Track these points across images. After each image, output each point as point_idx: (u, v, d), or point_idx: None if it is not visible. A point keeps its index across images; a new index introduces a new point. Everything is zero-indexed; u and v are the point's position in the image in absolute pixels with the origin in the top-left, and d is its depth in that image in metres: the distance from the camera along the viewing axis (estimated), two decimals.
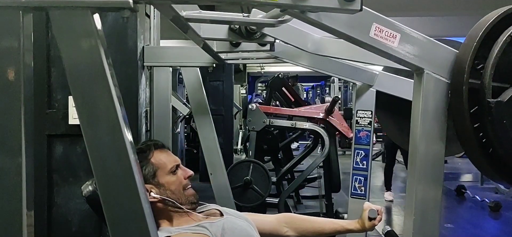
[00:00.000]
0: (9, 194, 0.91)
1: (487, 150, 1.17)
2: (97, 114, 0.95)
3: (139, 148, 1.59)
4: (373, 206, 1.69)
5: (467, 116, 1.16)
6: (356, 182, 2.42)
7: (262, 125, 4.10)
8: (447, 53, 1.24)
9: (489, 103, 1.12)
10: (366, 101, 2.35)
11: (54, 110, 2.18)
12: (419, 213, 1.25)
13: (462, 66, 1.17)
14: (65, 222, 2.22)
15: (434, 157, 1.24)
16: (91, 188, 1.59)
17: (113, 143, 0.95)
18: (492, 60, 1.13)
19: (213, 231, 1.50)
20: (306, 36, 1.81)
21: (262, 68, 12.30)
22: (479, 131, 1.17)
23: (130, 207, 0.97)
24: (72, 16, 0.91)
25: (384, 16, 1.19)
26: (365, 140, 2.41)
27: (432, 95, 1.22)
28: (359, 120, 2.40)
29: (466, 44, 1.19)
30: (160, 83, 2.32)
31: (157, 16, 2.57)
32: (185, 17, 1.30)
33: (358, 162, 2.42)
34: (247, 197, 3.57)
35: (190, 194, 1.59)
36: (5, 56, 0.90)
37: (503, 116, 1.12)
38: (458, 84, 1.17)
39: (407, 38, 1.21)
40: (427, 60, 1.22)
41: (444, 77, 1.23)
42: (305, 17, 1.09)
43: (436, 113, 1.23)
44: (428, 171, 1.24)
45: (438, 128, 1.23)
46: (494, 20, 1.16)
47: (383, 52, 1.20)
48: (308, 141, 7.44)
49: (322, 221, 1.84)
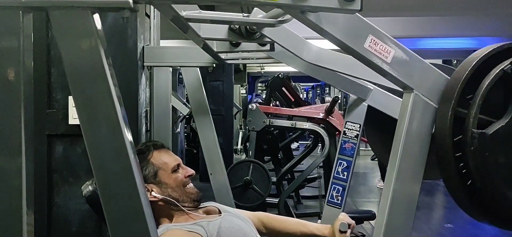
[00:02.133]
0: (9, 194, 0.91)
1: (466, 182, 1.16)
2: (97, 114, 0.95)
3: (138, 150, 1.60)
4: (348, 220, 1.69)
5: (450, 143, 1.15)
6: (334, 191, 2.45)
7: (262, 125, 4.10)
8: (439, 78, 1.23)
9: (473, 133, 1.11)
10: (356, 114, 2.38)
11: (54, 110, 2.18)
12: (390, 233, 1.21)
13: (451, 92, 1.16)
14: (65, 222, 2.22)
15: (411, 178, 1.22)
16: (91, 188, 1.59)
17: (113, 143, 0.95)
18: (482, 91, 1.13)
19: (209, 229, 1.51)
20: (304, 45, 1.80)
21: (262, 68, 12.29)
22: (460, 161, 1.15)
23: (130, 207, 0.97)
24: (72, 16, 0.91)
25: (381, 30, 1.18)
26: (349, 151, 2.45)
27: (418, 116, 1.21)
28: (346, 131, 2.43)
29: (458, 72, 1.18)
30: (160, 83, 2.32)
31: (157, 16, 2.57)
32: (185, 17, 1.30)
33: (339, 172, 2.46)
34: (247, 197, 3.57)
35: (192, 192, 1.59)
36: (5, 56, 0.90)
37: (486, 148, 1.11)
38: (445, 109, 1.16)
39: (401, 56, 1.19)
40: (417, 81, 1.21)
41: (433, 101, 1.21)
42: (304, 18, 1.09)
43: (420, 135, 1.21)
44: (403, 192, 1.21)
45: (420, 150, 1.21)
46: (489, 52, 1.16)
47: (375, 65, 1.19)
48: (308, 141, 7.44)
49: (293, 222, 1.86)
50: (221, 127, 6.33)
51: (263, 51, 1.94)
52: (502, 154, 1.13)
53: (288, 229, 1.81)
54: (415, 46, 8.65)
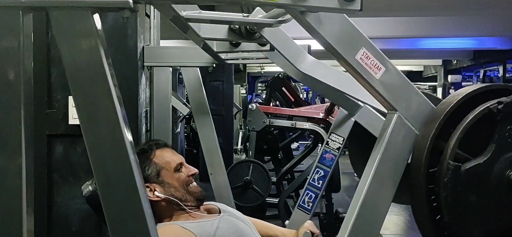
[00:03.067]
0: (9, 194, 0.91)
1: (435, 215, 1.14)
2: (97, 114, 0.95)
3: (141, 149, 1.60)
4: (313, 229, 1.71)
5: (425, 173, 1.13)
6: (307, 197, 2.48)
7: (262, 125, 4.10)
8: (424, 105, 1.21)
9: (449, 165, 1.09)
10: (342, 127, 2.42)
11: (54, 110, 2.18)
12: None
13: (434, 122, 1.15)
14: (65, 222, 2.22)
15: (381, 199, 1.19)
16: (91, 188, 1.59)
17: (113, 143, 0.95)
18: (464, 125, 1.11)
19: (206, 229, 1.50)
20: (300, 53, 1.79)
21: (262, 68, 12.29)
22: (432, 193, 1.13)
23: (130, 207, 0.97)
24: (72, 16, 0.91)
25: (375, 46, 1.17)
26: (328, 162, 2.49)
27: (397, 138, 1.19)
28: (330, 142, 2.47)
29: (444, 104, 1.18)
30: (160, 83, 2.33)
31: (157, 16, 2.57)
32: (185, 17, 1.30)
33: (315, 180, 2.49)
34: (247, 197, 3.57)
35: (195, 191, 1.59)
36: (5, 56, 0.90)
37: (459, 183, 1.09)
38: (425, 138, 1.15)
39: (390, 75, 1.18)
40: (402, 104, 1.19)
41: (415, 126, 1.19)
42: (303, 19, 1.09)
43: (396, 158, 1.19)
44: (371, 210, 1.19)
45: (394, 172, 1.19)
46: (477, 89, 1.15)
47: (362, 79, 1.17)
48: (308, 141, 7.44)
49: (259, 224, 1.86)
50: (221, 127, 6.32)
51: (263, 51, 1.94)
52: (474, 192, 1.10)
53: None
54: (415, 46, 8.66)
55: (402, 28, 6.70)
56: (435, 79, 13.10)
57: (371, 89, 1.19)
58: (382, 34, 6.81)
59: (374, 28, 6.41)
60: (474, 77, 11.99)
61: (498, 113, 1.10)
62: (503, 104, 1.10)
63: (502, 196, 1.12)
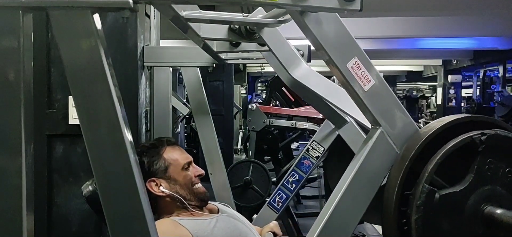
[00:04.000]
0: (9, 194, 0.91)
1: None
2: (97, 114, 0.95)
3: (151, 143, 1.61)
4: (277, 230, 1.72)
5: (399, 194, 1.11)
6: (278, 196, 2.53)
7: (262, 125, 4.10)
8: (409, 126, 1.19)
9: (424, 188, 1.07)
10: (325, 138, 2.45)
11: (54, 110, 2.18)
12: None
13: (415, 144, 1.13)
14: (65, 222, 2.22)
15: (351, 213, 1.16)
16: (91, 188, 1.59)
17: (113, 143, 0.95)
18: (444, 151, 1.10)
19: (203, 226, 1.51)
20: (295, 60, 1.78)
21: (262, 68, 12.28)
22: (404, 216, 1.11)
23: (130, 207, 0.97)
24: (72, 16, 0.91)
25: (367, 57, 1.16)
26: (305, 168, 2.54)
27: (377, 154, 1.17)
28: (310, 149, 2.52)
29: (428, 128, 1.16)
30: (160, 83, 2.32)
31: (157, 16, 2.57)
32: (185, 17, 1.30)
33: (289, 182, 2.55)
34: (247, 197, 3.56)
35: (200, 191, 1.60)
36: (5, 56, 0.90)
37: (432, 208, 1.07)
38: (404, 159, 1.13)
39: (379, 89, 1.17)
40: (387, 121, 1.17)
41: (396, 145, 1.18)
42: (301, 18, 1.09)
43: (373, 173, 1.17)
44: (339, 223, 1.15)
45: (368, 188, 1.16)
46: (463, 118, 1.15)
47: (350, 89, 1.16)
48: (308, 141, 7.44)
49: None
50: (221, 127, 6.31)
51: (263, 51, 1.94)
52: (446, 220, 1.08)
53: None
54: (415, 46, 8.65)
55: (402, 28, 6.70)
56: (435, 79, 13.10)
57: (358, 100, 1.18)
58: (382, 34, 6.81)
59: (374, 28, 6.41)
60: (474, 77, 11.98)
61: (480, 144, 1.09)
62: (486, 136, 1.09)
63: (474, 230, 1.09)
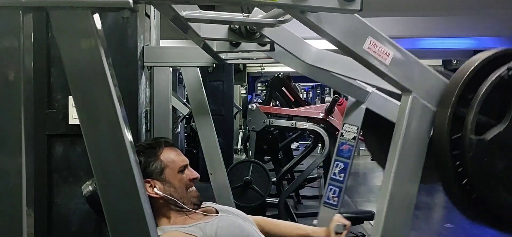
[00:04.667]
0: (9, 194, 0.91)
1: (464, 186, 1.15)
2: (97, 114, 0.95)
3: (149, 144, 1.60)
4: (343, 220, 1.70)
5: (448, 148, 1.14)
6: (331, 192, 2.44)
7: (262, 125, 4.09)
8: (438, 81, 1.22)
9: (471, 140, 1.10)
10: (354, 116, 2.37)
11: (54, 110, 2.18)
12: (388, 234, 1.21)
13: (449, 96, 1.15)
14: (65, 222, 2.22)
15: (409, 181, 1.20)
16: (91, 188, 1.59)
17: (113, 143, 0.95)
18: (479, 98, 1.12)
19: (207, 231, 1.50)
20: (304, 46, 1.79)
21: (262, 68, 12.29)
22: (459, 166, 1.14)
23: (130, 207, 0.97)
24: (72, 16, 0.91)
25: (381, 32, 1.17)
26: (346, 153, 2.45)
27: (416, 119, 1.20)
28: (344, 133, 2.43)
29: (457, 76, 1.18)
30: (160, 83, 2.32)
31: (157, 16, 2.57)
32: (185, 17, 1.30)
33: (336, 173, 2.46)
34: (247, 197, 3.57)
35: (194, 195, 1.59)
36: (5, 56, 0.90)
37: (484, 155, 1.10)
38: (443, 114, 1.16)
39: (399, 58, 1.19)
40: (416, 84, 1.20)
41: (431, 104, 1.20)
42: (304, 18, 1.09)
43: (418, 138, 1.20)
44: (401, 195, 1.20)
45: (417, 154, 1.20)
46: (487, 57, 1.15)
47: (373, 67, 1.18)
48: (308, 141, 7.44)
49: (288, 225, 1.86)
50: (221, 127, 6.32)
51: (263, 51, 1.94)
52: (500, 160, 1.12)
53: (285, 232, 1.81)
54: (415, 46, 8.64)
55: (402, 28, 6.69)
56: None
57: (383, 75, 1.20)
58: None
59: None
60: None
61: (510, 80, 1.11)
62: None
63: None
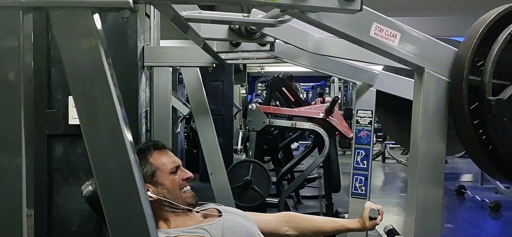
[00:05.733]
0: (9, 194, 0.91)
1: (487, 148, 1.17)
2: (97, 114, 0.95)
3: (139, 149, 1.59)
4: (374, 206, 1.69)
5: (467, 114, 1.16)
6: (357, 182, 2.41)
7: (262, 125, 4.09)
8: (447, 52, 1.24)
9: (489, 101, 1.12)
10: (366, 100, 2.34)
11: (54, 110, 2.18)
12: (421, 212, 1.25)
13: (462, 64, 1.17)
14: (65, 222, 2.22)
15: (435, 156, 1.24)
16: (91, 188, 1.59)
17: (113, 143, 0.95)
18: (492, 58, 1.13)
19: (213, 232, 1.50)
20: (306, 36, 1.81)
21: (262, 68, 12.30)
22: (479, 128, 1.17)
23: (130, 207, 0.97)
24: (72, 16, 0.91)
25: (384, 16, 1.19)
26: (365, 139, 2.40)
27: (432, 94, 1.22)
28: (359, 119, 2.39)
29: (466, 42, 1.19)
30: (160, 83, 2.32)
31: (157, 16, 2.57)
32: (185, 17, 1.30)
33: (359, 162, 2.41)
34: (247, 197, 3.56)
35: (188, 196, 1.58)
36: (5, 56, 0.90)
37: (503, 113, 1.12)
38: (458, 82, 1.17)
39: (407, 37, 1.21)
40: (427, 59, 1.22)
41: (445, 75, 1.23)
42: (305, 17, 1.09)
43: (437, 112, 1.23)
44: (429, 170, 1.24)
45: (439, 127, 1.23)
46: (494, 18, 1.16)
47: (383, 52, 1.20)
48: (308, 141, 7.44)
49: (322, 220, 1.83)
50: (221, 127, 6.32)
51: (263, 51, 1.94)
52: None
53: (319, 228, 1.79)
54: None
55: None
56: None
57: (393, 57, 1.21)
58: None
59: None
60: None
61: None
62: None
63: None
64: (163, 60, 2.32)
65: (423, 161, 1.24)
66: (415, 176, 1.24)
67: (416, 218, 1.25)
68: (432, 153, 1.24)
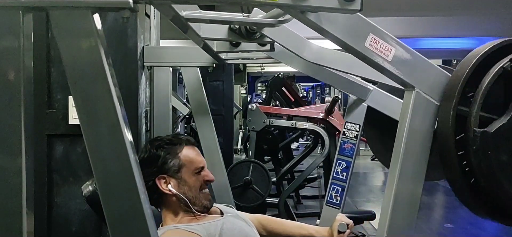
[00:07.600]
0: (9, 194, 0.91)
1: (470, 180, 1.15)
2: (97, 114, 0.95)
3: (170, 140, 1.60)
4: (345, 220, 1.70)
5: (452, 142, 1.14)
6: (333, 191, 2.45)
7: (262, 125, 4.09)
8: (440, 76, 1.22)
9: (475, 132, 1.11)
10: (356, 114, 2.38)
11: (54, 110, 2.18)
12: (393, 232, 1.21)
13: (452, 91, 1.16)
14: (65, 222, 2.22)
15: (414, 178, 1.21)
16: (91, 188, 1.59)
17: (113, 143, 0.95)
18: (482, 90, 1.12)
19: (211, 230, 1.51)
20: (305, 43, 1.80)
21: (262, 68, 12.29)
22: (463, 159, 1.15)
23: (130, 207, 0.97)
24: (72, 16, 0.91)
25: (382, 29, 1.18)
26: (349, 152, 2.45)
27: (420, 114, 1.20)
28: (346, 132, 2.43)
29: (459, 70, 1.18)
30: (160, 83, 2.32)
31: (157, 16, 2.57)
32: (185, 17, 1.30)
33: (338, 173, 2.46)
34: (247, 197, 3.56)
35: (206, 198, 1.59)
36: (5, 56, 0.90)
37: (488, 147, 1.11)
38: (447, 108, 1.16)
39: (401, 54, 1.20)
40: (419, 79, 1.20)
41: (434, 99, 1.21)
42: (304, 17, 1.09)
43: (422, 134, 1.21)
44: (406, 191, 1.21)
45: (422, 149, 1.20)
46: (488, 50, 1.15)
47: (376, 64, 1.19)
48: (308, 141, 7.44)
49: (293, 225, 1.86)
50: (221, 127, 6.30)
51: (263, 51, 1.94)
52: (504, 152, 1.12)
53: (288, 232, 1.81)
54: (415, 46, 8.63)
55: (402, 28, 6.69)
56: None
57: (386, 71, 1.20)
58: None
59: None
60: None
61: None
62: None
63: None
64: (163, 60, 2.32)
65: (401, 180, 1.19)
66: (391, 195, 1.20)
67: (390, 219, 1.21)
68: (412, 173, 1.21)
